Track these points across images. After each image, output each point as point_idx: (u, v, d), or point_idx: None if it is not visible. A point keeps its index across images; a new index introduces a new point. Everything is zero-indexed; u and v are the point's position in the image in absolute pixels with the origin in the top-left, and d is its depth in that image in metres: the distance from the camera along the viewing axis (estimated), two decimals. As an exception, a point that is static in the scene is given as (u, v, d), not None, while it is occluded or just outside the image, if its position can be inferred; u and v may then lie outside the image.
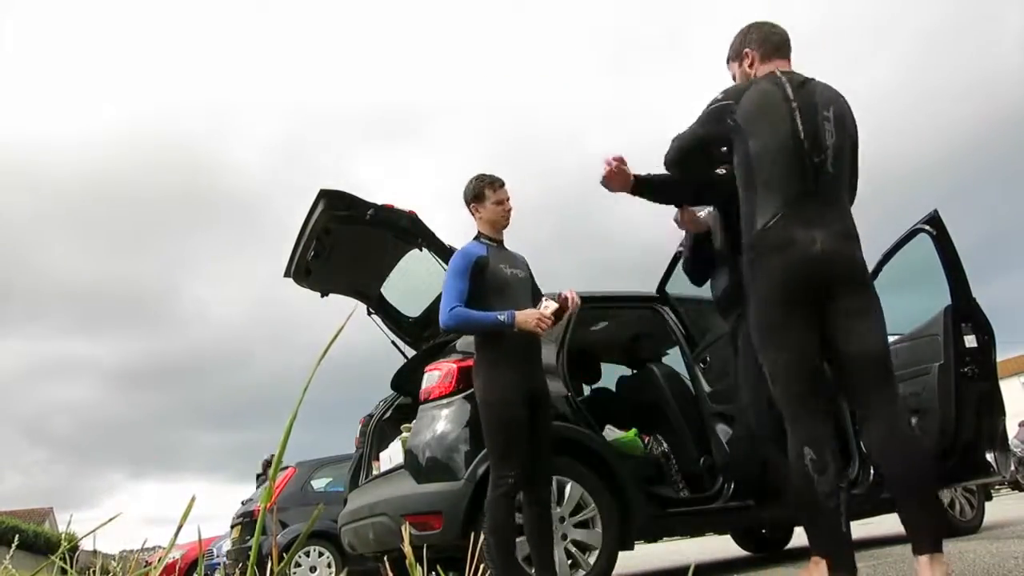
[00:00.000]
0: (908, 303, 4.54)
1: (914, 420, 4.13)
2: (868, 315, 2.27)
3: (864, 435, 2.36)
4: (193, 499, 0.89)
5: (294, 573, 6.95)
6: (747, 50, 2.60)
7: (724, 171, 2.79)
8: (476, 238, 3.37)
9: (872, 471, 4.11)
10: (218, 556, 10.16)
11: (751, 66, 2.58)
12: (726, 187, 2.65)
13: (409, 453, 3.68)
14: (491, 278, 3.21)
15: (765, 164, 2.34)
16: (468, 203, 3.38)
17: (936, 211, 4.13)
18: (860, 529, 6.65)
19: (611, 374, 5.41)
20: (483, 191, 3.33)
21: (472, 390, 3.65)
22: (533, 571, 3.31)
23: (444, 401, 3.68)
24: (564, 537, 3.48)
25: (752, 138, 2.37)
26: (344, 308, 4.86)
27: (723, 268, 3.17)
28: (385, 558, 3.21)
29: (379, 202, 3.94)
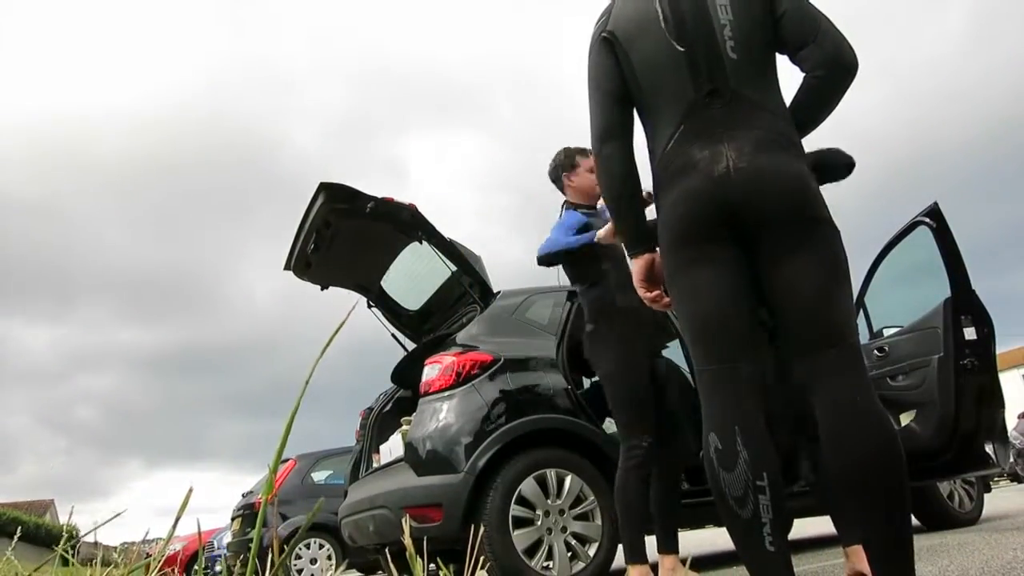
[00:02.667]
0: (908, 295, 4.55)
1: (913, 413, 4.14)
2: (805, 251, 1.62)
3: (815, 413, 1.64)
4: (190, 491, 0.90)
5: (295, 565, 6.98)
6: None
7: None
8: (567, 206, 3.33)
9: None
10: (219, 548, 10.19)
11: None
12: None
13: (409, 446, 3.69)
14: (603, 246, 3.14)
15: (648, 76, 1.80)
16: (559, 175, 3.37)
17: (936, 204, 4.13)
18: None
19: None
20: (575, 158, 3.34)
21: (472, 384, 3.67)
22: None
23: (444, 394, 3.69)
24: (564, 530, 3.49)
25: (632, 51, 1.82)
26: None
27: None
28: (385, 550, 3.23)
29: (379, 195, 3.94)
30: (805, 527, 6.69)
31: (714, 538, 8.72)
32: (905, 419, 4.21)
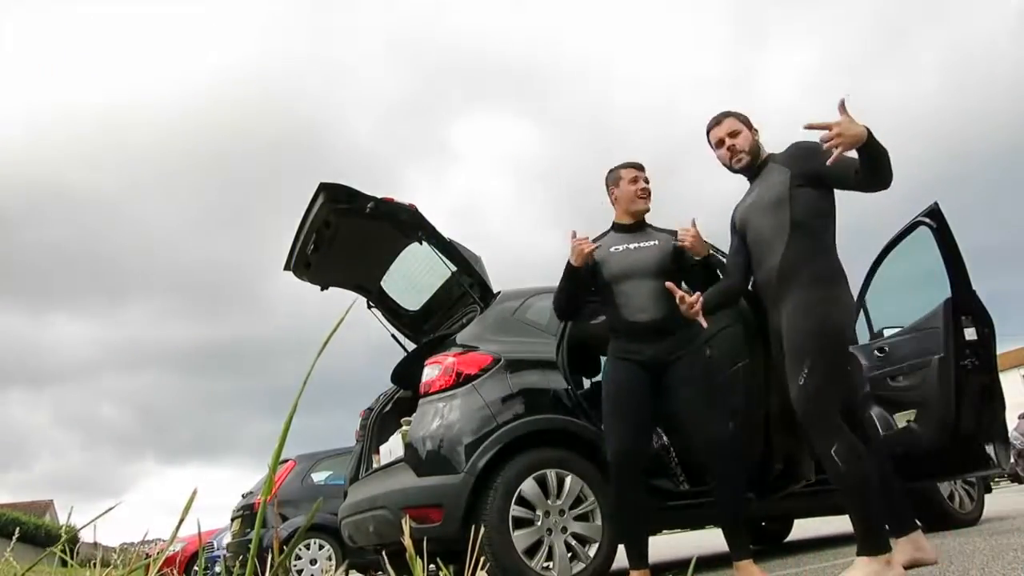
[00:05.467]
0: (908, 296, 4.55)
1: (913, 413, 4.13)
2: None
3: None
4: (195, 492, 0.89)
5: (295, 566, 6.97)
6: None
7: None
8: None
9: None
10: (218, 549, 10.18)
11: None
12: None
13: (409, 447, 3.69)
14: (602, 267, 3.31)
15: None
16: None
17: (936, 204, 4.13)
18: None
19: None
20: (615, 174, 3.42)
21: (472, 384, 3.66)
22: (533, 564, 3.33)
23: (445, 394, 3.68)
24: (564, 530, 3.49)
25: None
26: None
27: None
28: (384, 551, 3.22)
29: (379, 195, 3.93)
30: (806, 527, 6.69)
31: (714, 538, 8.70)
32: (904, 419, 4.20)
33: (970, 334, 3.99)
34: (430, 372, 3.79)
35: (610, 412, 3.18)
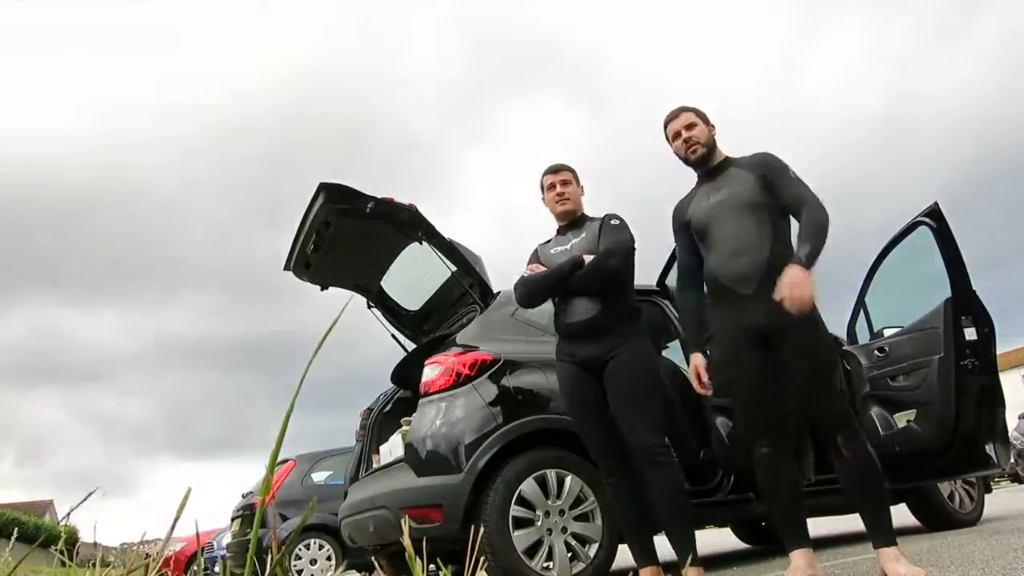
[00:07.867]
0: (908, 296, 4.55)
1: (913, 413, 4.13)
2: None
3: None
4: (189, 491, 0.89)
5: (295, 566, 6.97)
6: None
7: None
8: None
9: None
10: (218, 549, 10.17)
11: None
12: None
13: (409, 446, 3.68)
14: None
15: None
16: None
17: (936, 204, 4.13)
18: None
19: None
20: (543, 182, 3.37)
21: (472, 384, 3.67)
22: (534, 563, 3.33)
23: (445, 394, 3.68)
24: (564, 530, 3.49)
25: None
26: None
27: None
28: (383, 551, 3.22)
29: (379, 195, 3.94)
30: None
31: (714, 538, 8.72)
32: (904, 419, 4.20)
33: (970, 334, 4.00)
34: (430, 372, 3.78)
35: (571, 417, 3.23)
